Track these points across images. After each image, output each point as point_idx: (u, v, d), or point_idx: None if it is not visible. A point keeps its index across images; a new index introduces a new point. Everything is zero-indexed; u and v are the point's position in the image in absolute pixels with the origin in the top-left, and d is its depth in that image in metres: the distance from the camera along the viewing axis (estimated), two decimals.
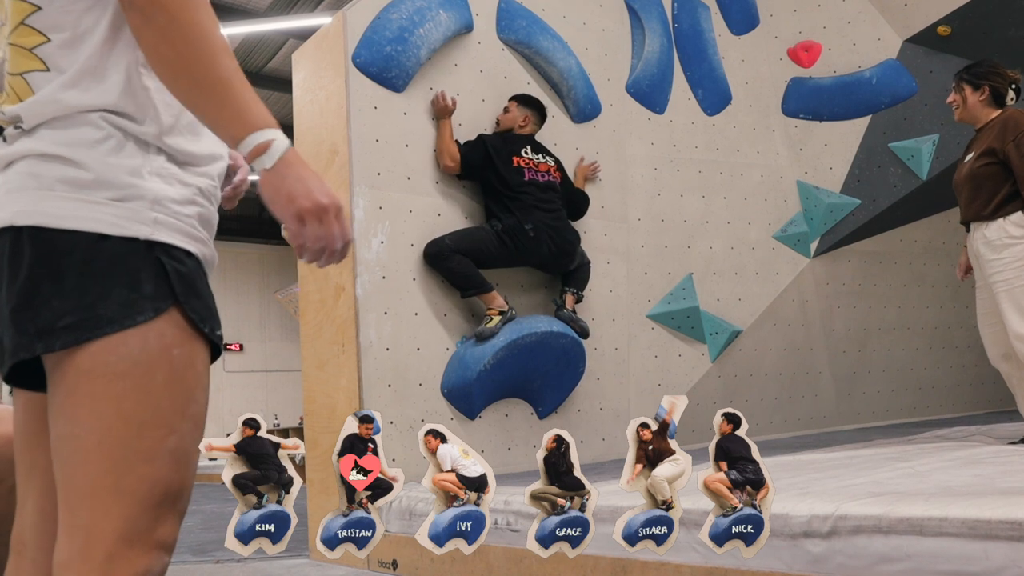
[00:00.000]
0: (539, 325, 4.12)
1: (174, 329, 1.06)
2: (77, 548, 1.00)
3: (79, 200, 1.04)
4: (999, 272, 3.33)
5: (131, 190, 1.05)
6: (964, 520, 1.77)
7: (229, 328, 17.63)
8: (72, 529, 1.01)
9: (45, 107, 1.06)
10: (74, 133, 1.06)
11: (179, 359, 1.06)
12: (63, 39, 1.07)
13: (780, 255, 5.45)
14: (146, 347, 1.03)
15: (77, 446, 1.01)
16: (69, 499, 1.02)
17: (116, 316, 1.02)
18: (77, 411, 1.02)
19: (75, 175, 1.04)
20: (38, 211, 1.03)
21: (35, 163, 1.06)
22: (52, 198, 1.04)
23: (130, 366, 1.02)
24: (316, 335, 4.02)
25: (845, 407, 5.68)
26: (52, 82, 1.06)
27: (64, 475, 1.03)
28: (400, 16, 4.00)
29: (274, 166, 1.06)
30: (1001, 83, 3.50)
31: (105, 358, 1.02)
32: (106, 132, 1.06)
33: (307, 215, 1.06)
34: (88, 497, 1.01)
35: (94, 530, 1.00)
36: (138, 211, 1.05)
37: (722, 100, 5.36)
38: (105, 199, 1.04)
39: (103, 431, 1.01)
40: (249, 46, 10.71)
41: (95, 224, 1.03)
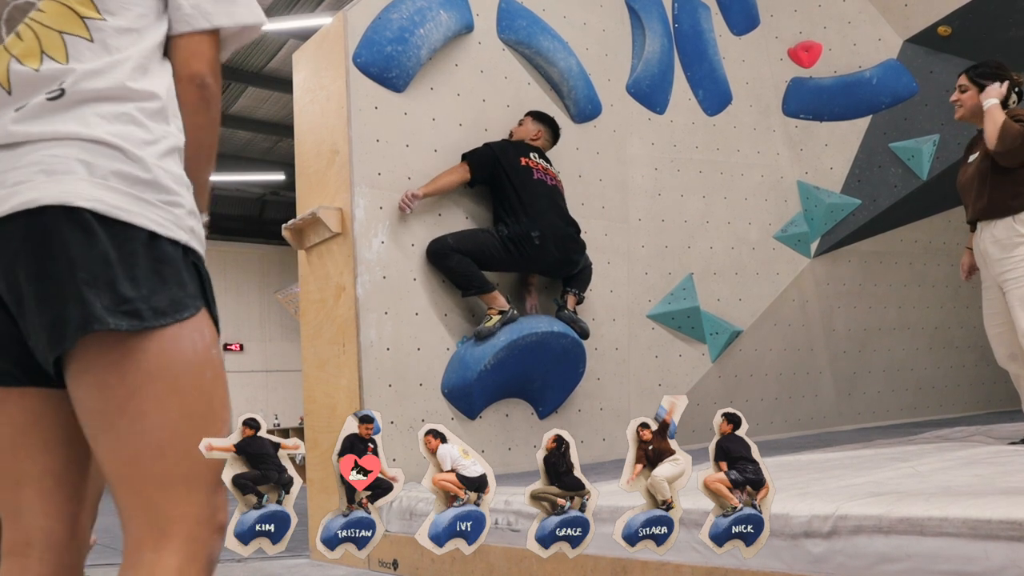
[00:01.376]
0: (539, 325, 4.12)
1: (210, 329, 1.17)
2: (159, 531, 1.10)
3: (134, 197, 1.09)
4: (1009, 271, 3.32)
5: (177, 196, 1.13)
6: (964, 520, 1.77)
7: (229, 328, 17.62)
8: (149, 515, 1.10)
9: (95, 81, 1.10)
10: (126, 128, 1.10)
11: (217, 357, 1.17)
12: (119, 25, 1.13)
13: (780, 255, 5.45)
14: (195, 348, 1.12)
15: (150, 440, 1.10)
16: (143, 490, 1.10)
17: (168, 310, 1.10)
18: (143, 408, 1.09)
19: (131, 171, 1.09)
20: (96, 197, 1.06)
21: (85, 149, 1.08)
22: (108, 189, 1.07)
23: (186, 365, 1.11)
24: (316, 335, 4.02)
25: (845, 407, 5.68)
26: (100, 58, 1.11)
27: (135, 468, 1.10)
28: (400, 16, 4.00)
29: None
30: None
31: (163, 359, 1.10)
32: (156, 135, 1.13)
33: None
34: (166, 486, 1.10)
35: (175, 514, 1.10)
36: (181, 217, 1.14)
37: (722, 100, 5.36)
38: (158, 201, 1.11)
39: (173, 426, 1.10)
40: (249, 46, 10.71)
41: (151, 223, 1.09)
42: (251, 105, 12.42)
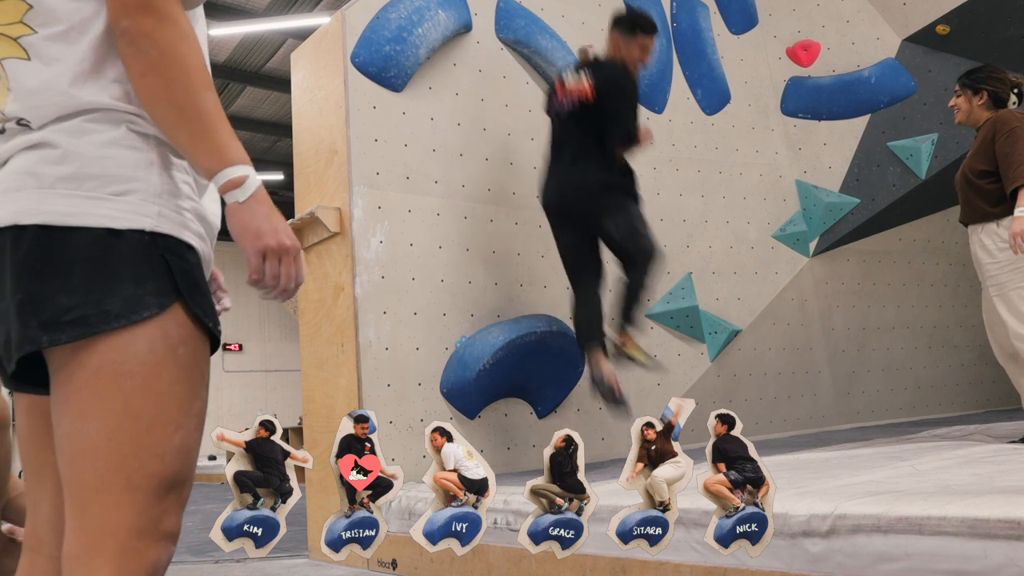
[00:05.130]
0: (539, 325, 4.12)
1: (179, 327, 1.08)
2: (90, 542, 1.03)
3: (81, 196, 1.04)
4: (994, 276, 3.36)
5: (133, 183, 1.07)
6: (963, 519, 1.77)
7: (228, 328, 17.62)
8: (83, 523, 1.04)
9: (40, 99, 1.06)
10: (73, 127, 1.06)
11: (184, 357, 1.08)
12: (54, 32, 1.07)
13: (779, 254, 5.46)
14: (153, 347, 1.05)
15: (86, 443, 1.03)
16: (79, 494, 1.04)
17: (122, 311, 1.04)
18: (85, 408, 1.04)
19: (75, 171, 1.05)
20: (41, 210, 1.04)
21: (32, 160, 1.06)
22: (54, 196, 1.04)
23: (137, 366, 1.04)
24: (315, 335, 4.02)
25: (844, 406, 5.68)
26: (40, 74, 1.06)
27: (73, 471, 1.05)
28: (399, 16, 4.00)
29: (246, 201, 1.10)
30: (1001, 87, 3.50)
31: (112, 357, 1.04)
32: (106, 127, 1.07)
33: (270, 253, 1.11)
34: (99, 492, 1.03)
35: (106, 524, 1.03)
36: (140, 204, 1.07)
37: (721, 99, 5.36)
38: (107, 194, 1.05)
39: (113, 428, 1.03)
40: (248, 46, 10.70)
41: (99, 219, 1.04)
42: (249, 105, 12.42)
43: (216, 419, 16.53)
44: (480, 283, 4.18)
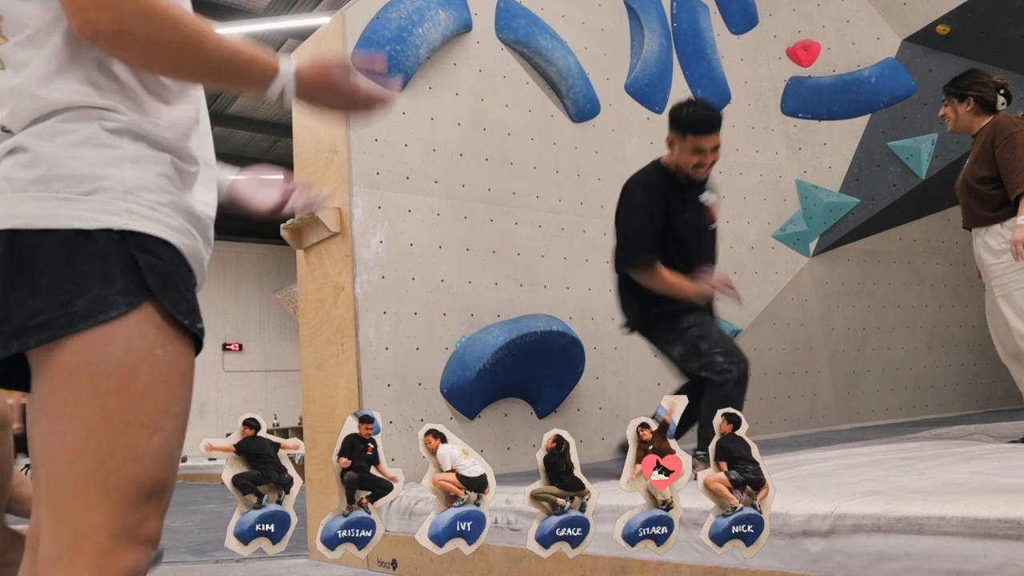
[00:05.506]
0: (539, 325, 4.12)
1: (155, 328, 1.06)
2: (66, 545, 1.01)
3: (51, 198, 1.03)
4: (998, 276, 3.38)
5: (102, 182, 1.05)
6: (963, 519, 1.77)
7: (229, 328, 17.62)
8: (59, 526, 1.02)
9: (14, 104, 1.06)
10: (46, 129, 1.06)
11: (163, 359, 1.07)
12: (21, 38, 1.06)
13: (779, 254, 5.46)
14: (129, 348, 1.04)
15: (63, 444, 1.02)
16: (55, 496, 1.03)
17: (88, 312, 1.02)
18: (61, 409, 1.02)
19: (44, 173, 1.04)
20: (12, 213, 1.04)
21: (8, 166, 1.06)
22: (25, 200, 1.04)
23: (112, 366, 1.03)
24: (315, 335, 4.02)
25: (844, 406, 5.68)
26: (12, 80, 1.06)
27: (49, 473, 1.04)
28: (399, 16, 4.00)
29: (298, 86, 1.16)
30: (986, 91, 3.51)
31: (87, 358, 1.02)
32: (78, 125, 1.06)
33: (347, 94, 1.21)
34: (76, 495, 1.02)
35: (83, 527, 1.01)
36: (109, 202, 1.05)
37: (721, 99, 5.36)
38: (76, 194, 1.04)
39: (89, 429, 1.02)
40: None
41: (68, 220, 1.03)
42: (249, 105, 12.43)
43: (216, 419, 16.53)
44: (480, 283, 4.19)
